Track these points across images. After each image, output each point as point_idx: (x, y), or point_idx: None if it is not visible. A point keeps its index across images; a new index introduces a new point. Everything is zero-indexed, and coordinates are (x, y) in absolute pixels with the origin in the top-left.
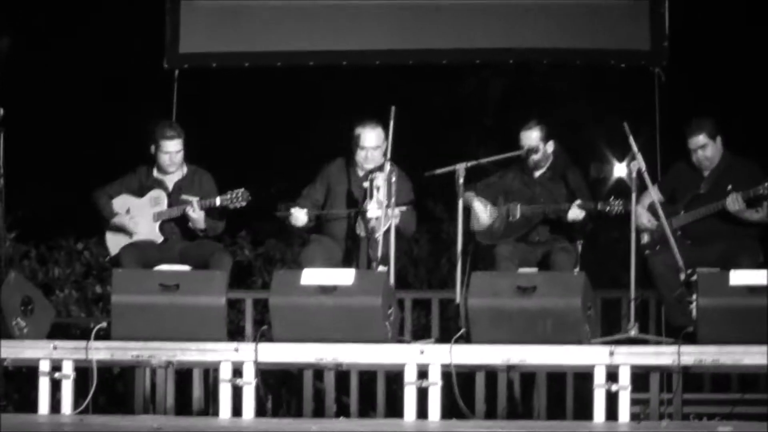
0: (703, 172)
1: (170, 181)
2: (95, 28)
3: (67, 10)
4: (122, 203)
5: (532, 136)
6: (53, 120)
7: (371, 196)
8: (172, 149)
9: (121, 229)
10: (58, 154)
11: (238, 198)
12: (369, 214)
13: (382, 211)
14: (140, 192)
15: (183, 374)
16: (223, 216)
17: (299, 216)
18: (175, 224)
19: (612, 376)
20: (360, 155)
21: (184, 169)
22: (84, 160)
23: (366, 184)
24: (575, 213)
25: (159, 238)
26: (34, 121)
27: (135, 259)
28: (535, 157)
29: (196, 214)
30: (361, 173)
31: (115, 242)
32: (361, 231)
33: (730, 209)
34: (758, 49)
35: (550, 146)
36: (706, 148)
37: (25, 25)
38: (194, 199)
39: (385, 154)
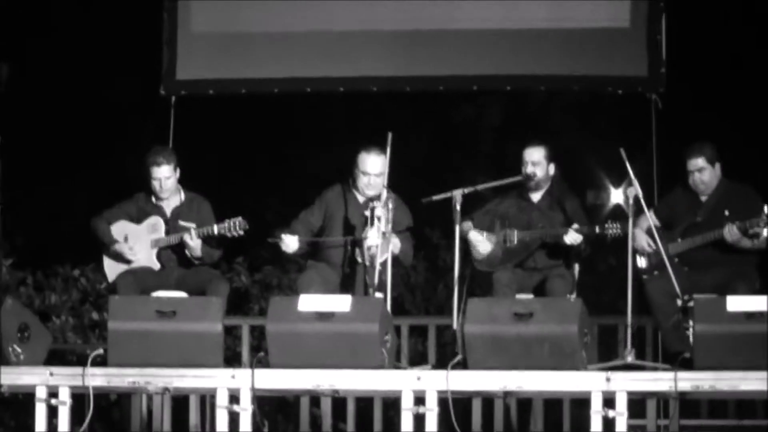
0: (701, 198)
1: (168, 207)
2: (92, 56)
3: (63, 36)
4: (120, 229)
5: (536, 154)
6: (50, 147)
7: (372, 224)
8: (161, 175)
9: (119, 256)
10: (55, 182)
11: (235, 227)
12: (369, 242)
13: (381, 240)
14: (138, 218)
15: (180, 401)
16: (220, 244)
17: (290, 243)
18: (172, 251)
19: (609, 402)
20: (362, 181)
21: (182, 196)
22: (81, 187)
23: (367, 212)
24: (573, 237)
25: (156, 265)
26: (32, 148)
27: (132, 286)
28: (538, 175)
29: (194, 242)
30: (360, 200)
31: (112, 269)
32: (362, 259)
33: (727, 240)
34: (756, 76)
35: (552, 168)
36: (703, 172)
37: (22, 52)
38: (191, 227)
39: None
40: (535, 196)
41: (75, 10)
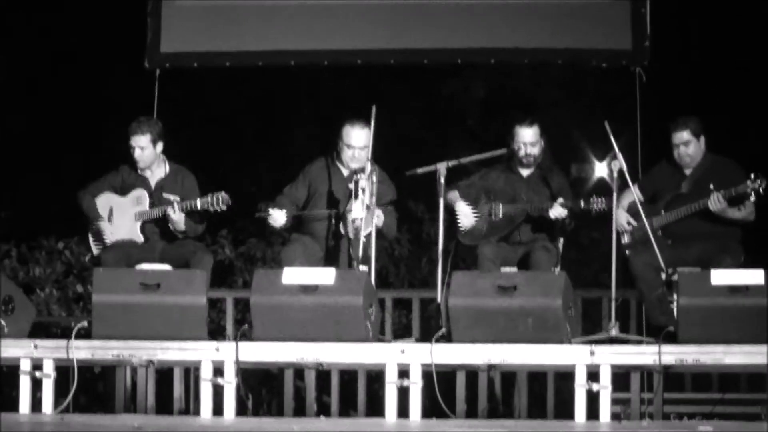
0: (685, 171)
1: (152, 180)
2: (74, 29)
3: (45, 8)
4: (105, 202)
5: (531, 132)
6: (34, 121)
7: (356, 197)
8: (136, 144)
9: (99, 234)
10: (39, 155)
11: (218, 201)
12: (353, 215)
13: (365, 212)
14: (123, 191)
15: (164, 373)
16: (203, 218)
17: (278, 217)
18: (156, 224)
19: (593, 375)
20: (347, 154)
21: (167, 168)
22: (65, 159)
23: (351, 185)
24: (558, 211)
25: (140, 238)
26: (15, 121)
27: (117, 259)
28: (535, 152)
29: (177, 216)
30: (344, 173)
31: (97, 241)
32: (346, 231)
33: (712, 208)
34: (742, 50)
35: (542, 143)
36: (688, 145)
37: (2, 26)
38: (175, 200)
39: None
40: (525, 171)
41: None
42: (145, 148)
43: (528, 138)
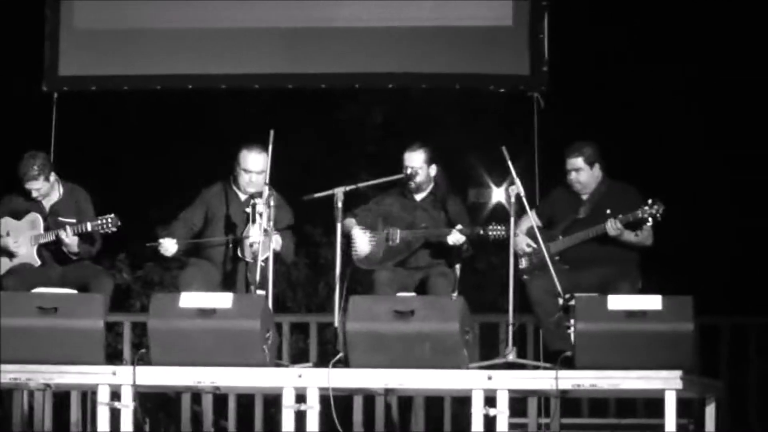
0: (582, 197)
1: (47, 203)
2: None
3: None
4: (2, 226)
5: (415, 158)
6: None
7: (254, 221)
8: (30, 187)
9: (3, 251)
10: None
11: (108, 224)
12: (251, 239)
13: (262, 237)
14: (17, 215)
15: (61, 397)
16: (95, 240)
17: (169, 246)
18: (50, 247)
19: (490, 400)
20: (244, 179)
21: (60, 190)
22: None
23: (248, 209)
24: (456, 237)
25: (37, 262)
26: None
27: (18, 283)
28: (417, 179)
29: (69, 239)
30: (242, 197)
31: None
32: (244, 256)
33: (610, 233)
34: (638, 75)
35: (433, 170)
36: (580, 172)
37: None
38: (67, 224)
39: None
40: (418, 196)
41: None
42: (40, 188)
43: (412, 163)
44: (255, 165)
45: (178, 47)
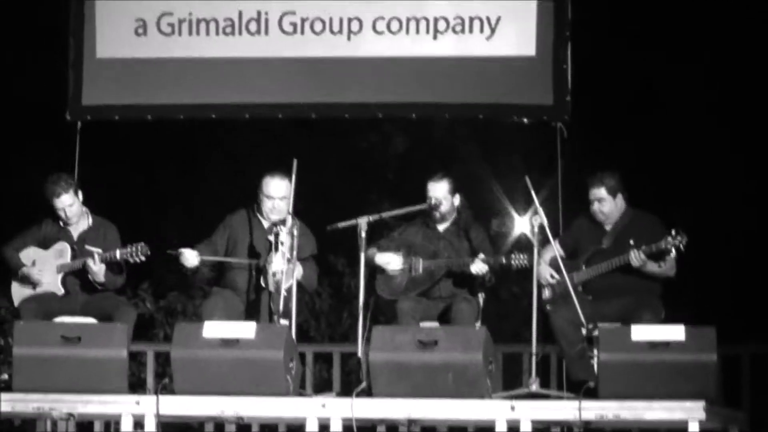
0: (605, 227)
1: (75, 232)
2: None
3: None
4: (29, 256)
5: (439, 188)
6: None
7: (276, 249)
8: (63, 204)
9: (26, 280)
10: None
11: (137, 252)
12: (274, 268)
13: (285, 265)
14: (45, 244)
15: (84, 426)
16: (123, 270)
17: (189, 257)
18: (77, 276)
19: (513, 430)
20: (267, 205)
21: (90, 221)
22: None
23: (271, 237)
24: (479, 266)
25: (60, 290)
26: None
27: (35, 311)
28: (442, 209)
29: (96, 267)
30: (265, 224)
31: (20, 293)
32: (267, 284)
33: (633, 264)
34: (662, 104)
35: (457, 199)
36: (603, 203)
37: None
38: (95, 252)
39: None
40: (441, 226)
41: None
42: (72, 204)
43: (437, 193)
44: (277, 191)
45: (201, 77)
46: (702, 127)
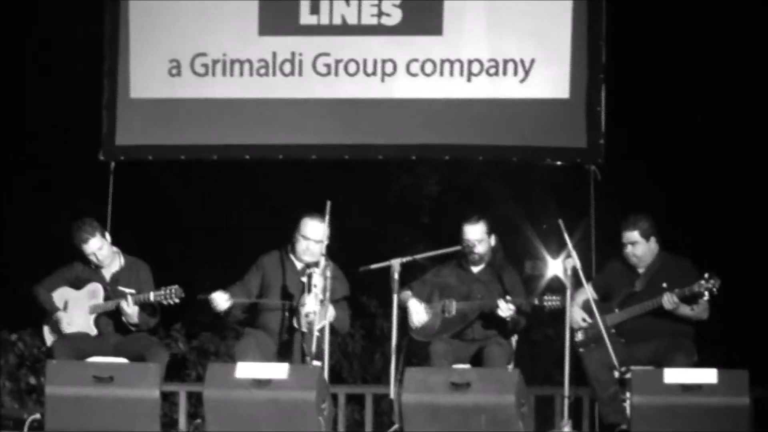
0: (638, 270)
1: (107, 273)
2: (30, 117)
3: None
4: (60, 296)
5: (476, 230)
6: None
7: (309, 291)
8: (92, 249)
9: (55, 324)
10: None
11: (171, 295)
12: (306, 309)
13: (318, 307)
14: (77, 284)
15: None
16: (156, 311)
17: (220, 301)
18: (110, 317)
19: None
20: (301, 245)
21: (122, 261)
22: (17, 249)
23: (304, 278)
24: (504, 309)
25: (93, 331)
26: None
27: (69, 351)
28: (479, 250)
29: (130, 309)
30: (298, 266)
31: (51, 334)
32: (299, 325)
33: (666, 307)
34: (695, 147)
35: (493, 240)
36: (636, 246)
37: None
38: (129, 294)
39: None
40: (476, 268)
41: (11, 71)
42: (102, 248)
43: (473, 235)
44: (314, 233)
45: (235, 117)
46: (736, 171)
